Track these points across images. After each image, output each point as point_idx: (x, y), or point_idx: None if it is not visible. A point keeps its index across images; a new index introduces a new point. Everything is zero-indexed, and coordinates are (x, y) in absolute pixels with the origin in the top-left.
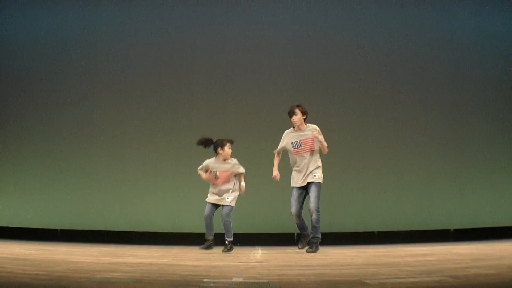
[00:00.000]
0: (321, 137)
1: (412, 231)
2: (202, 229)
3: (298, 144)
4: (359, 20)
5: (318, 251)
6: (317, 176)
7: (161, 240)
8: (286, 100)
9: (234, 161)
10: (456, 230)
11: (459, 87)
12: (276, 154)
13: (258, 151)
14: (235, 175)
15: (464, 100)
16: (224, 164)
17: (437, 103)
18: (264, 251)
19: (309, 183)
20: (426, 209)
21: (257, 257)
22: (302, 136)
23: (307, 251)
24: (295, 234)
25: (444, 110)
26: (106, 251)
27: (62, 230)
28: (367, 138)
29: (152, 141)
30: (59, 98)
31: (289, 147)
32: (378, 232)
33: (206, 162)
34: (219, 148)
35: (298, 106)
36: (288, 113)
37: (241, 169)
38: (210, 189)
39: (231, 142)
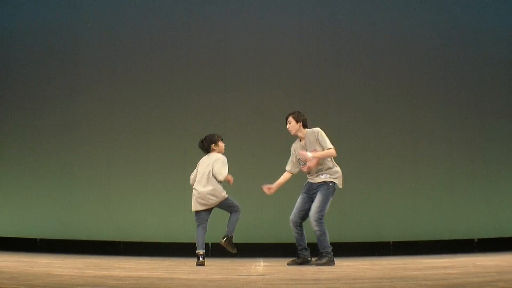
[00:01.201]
0: (312, 158)
1: (431, 241)
2: (215, 239)
3: (302, 162)
4: (372, 16)
5: (330, 266)
6: (324, 176)
7: (152, 251)
8: (293, 103)
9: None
10: (480, 240)
11: (484, 88)
12: (287, 171)
13: (260, 155)
14: None
15: (489, 102)
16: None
17: (459, 106)
18: (267, 264)
19: (315, 192)
20: (446, 218)
21: (259, 270)
22: (303, 152)
23: (313, 263)
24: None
25: (467, 113)
26: (91, 263)
27: (41, 240)
28: (381, 143)
29: (141, 141)
30: (38, 95)
31: (298, 165)
32: (393, 242)
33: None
34: (213, 144)
35: (291, 114)
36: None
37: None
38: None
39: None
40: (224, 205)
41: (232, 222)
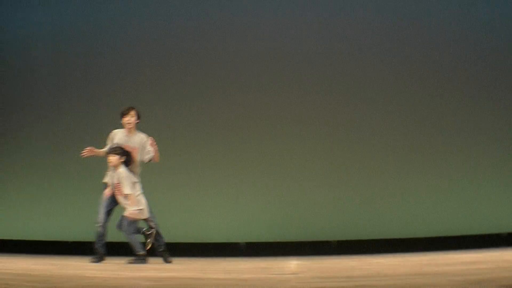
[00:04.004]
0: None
1: (460, 236)
2: (232, 239)
3: None
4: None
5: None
6: None
7: (184, 251)
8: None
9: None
10: (510, 234)
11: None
12: None
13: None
14: None
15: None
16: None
17: (484, 94)
18: (299, 262)
19: None
20: (475, 211)
21: (291, 268)
22: None
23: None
24: (333, 242)
25: (492, 102)
26: (123, 265)
27: (73, 242)
28: (407, 136)
29: (168, 142)
30: (60, 97)
31: None
32: (424, 238)
33: None
34: None
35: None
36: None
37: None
38: None
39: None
40: None
41: None
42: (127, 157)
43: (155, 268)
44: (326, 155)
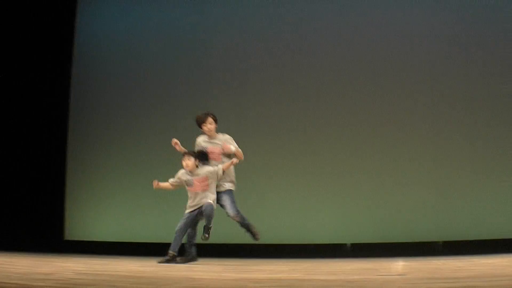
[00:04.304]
0: None
1: None
2: (338, 240)
3: None
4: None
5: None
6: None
7: (289, 253)
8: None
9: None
10: None
11: None
12: None
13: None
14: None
15: None
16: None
17: None
18: (406, 263)
19: None
20: None
21: (398, 269)
22: None
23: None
24: (440, 243)
25: None
26: (229, 266)
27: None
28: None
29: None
30: (170, 101)
31: None
32: None
33: None
34: None
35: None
36: None
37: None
38: None
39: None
40: None
41: None
42: (202, 160)
43: (261, 269)
44: (432, 156)
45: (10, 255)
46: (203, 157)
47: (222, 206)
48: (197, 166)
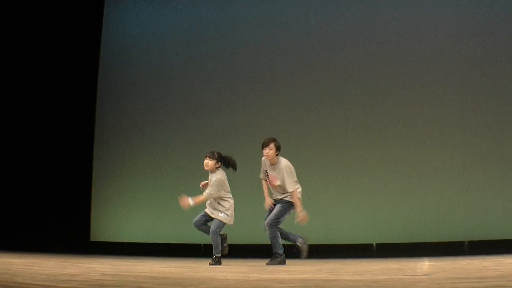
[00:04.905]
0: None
1: None
2: (361, 240)
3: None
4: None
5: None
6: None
7: (314, 253)
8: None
9: (216, 176)
10: None
11: None
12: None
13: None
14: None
15: None
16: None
17: None
18: (432, 263)
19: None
20: None
21: (424, 269)
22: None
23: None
24: (465, 243)
25: None
26: (254, 267)
27: (205, 245)
28: None
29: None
30: (196, 103)
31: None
32: None
33: None
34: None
35: (273, 140)
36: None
37: (209, 189)
38: None
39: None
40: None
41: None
42: (224, 163)
43: (286, 270)
44: (459, 157)
45: (37, 256)
46: (228, 162)
47: None
48: (217, 168)
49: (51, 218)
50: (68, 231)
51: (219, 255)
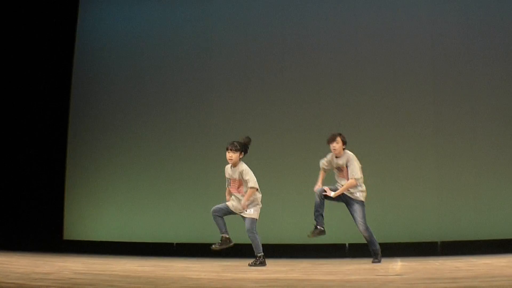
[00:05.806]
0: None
1: None
2: (333, 241)
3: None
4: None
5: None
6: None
7: (289, 252)
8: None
9: (241, 167)
10: None
11: None
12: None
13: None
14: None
15: None
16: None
17: None
18: (404, 263)
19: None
20: None
21: (396, 269)
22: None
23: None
24: (438, 243)
25: None
26: (228, 266)
27: (178, 244)
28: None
29: (277, 144)
30: (171, 102)
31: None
32: None
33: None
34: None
35: (338, 135)
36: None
37: (249, 183)
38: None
39: (227, 147)
40: None
41: None
42: (245, 151)
43: (259, 269)
44: (432, 157)
45: (9, 255)
46: (247, 148)
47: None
48: (240, 159)
49: (24, 216)
50: (41, 229)
51: (261, 254)
